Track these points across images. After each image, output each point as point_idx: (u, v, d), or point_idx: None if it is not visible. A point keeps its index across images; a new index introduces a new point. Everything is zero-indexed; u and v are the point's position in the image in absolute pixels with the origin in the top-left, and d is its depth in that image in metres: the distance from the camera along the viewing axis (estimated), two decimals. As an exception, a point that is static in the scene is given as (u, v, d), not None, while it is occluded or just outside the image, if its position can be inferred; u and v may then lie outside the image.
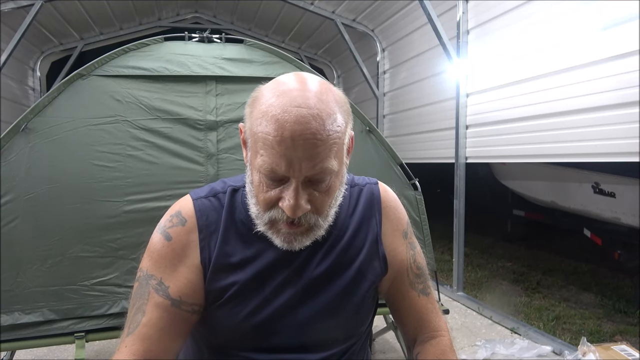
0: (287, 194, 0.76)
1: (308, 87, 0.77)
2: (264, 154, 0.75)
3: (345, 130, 0.80)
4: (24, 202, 2.07)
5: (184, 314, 0.84)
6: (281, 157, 0.73)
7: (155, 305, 0.83)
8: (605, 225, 4.56)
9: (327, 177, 0.78)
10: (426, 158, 5.19)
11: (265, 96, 0.77)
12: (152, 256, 0.87)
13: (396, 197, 1.02)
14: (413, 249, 1.00)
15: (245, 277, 0.87)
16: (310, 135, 0.73)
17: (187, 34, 2.50)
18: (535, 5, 3.40)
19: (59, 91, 2.18)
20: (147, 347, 0.80)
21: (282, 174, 0.75)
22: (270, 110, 0.74)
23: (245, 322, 0.86)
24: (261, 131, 0.74)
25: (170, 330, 0.83)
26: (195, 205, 0.90)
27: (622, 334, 3.49)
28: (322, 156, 0.74)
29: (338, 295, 0.89)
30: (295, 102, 0.73)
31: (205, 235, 0.88)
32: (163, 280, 0.85)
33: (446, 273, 4.99)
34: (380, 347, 3.09)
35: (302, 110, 0.73)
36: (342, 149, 0.80)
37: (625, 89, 2.67)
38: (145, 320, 0.82)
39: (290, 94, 0.75)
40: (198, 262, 0.86)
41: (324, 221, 0.83)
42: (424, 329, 0.98)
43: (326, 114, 0.74)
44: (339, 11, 5.90)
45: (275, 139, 0.73)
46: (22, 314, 2.02)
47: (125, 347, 0.81)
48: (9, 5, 4.73)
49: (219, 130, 2.35)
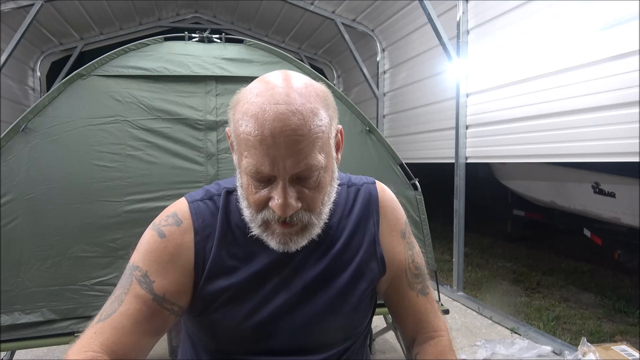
0: (276, 193, 0.75)
1: (287, 83, 0.76)
2: (247, 155, 0.75)
3: (330, 125, 0.79)
4: (24, 202, 2.07)
5: (164, 311, 0.83)
6: (264, 157, 0.73)
7: (135, 296, 0.82)
8: (605, 225, 4.56)
9: (314, 173, 0.77)
10: (426, 158, 5.19)
11: (245, 97, 0.77)
12: (140, 250, 0.87)
13: (394, 197, 1.01)
14: (411, 248, 0.99)
15: (241, 279, 0.86)
16: (291, 131, 0.72)
17: (187, 34, 2.50)
18: (535, 5, 3.40)
19: (59, 91, 2.18)
20: (117, 338, 0.78)
21: (268, 173, 0.74)
22: (249, 110, 0.74)
23: (242, 325, 0.85)
24: (242, 132, 0.74)
25: (145, 324, 0.81)
26: (191, 207, 0.89)
27: (622, 334, 3.49)
28: (305, 152, 0.73)
29: (335, 296, 0.89)
30: (273, 99, 0.73)
31: (201, 237, 0.87)
32: (149, 274, 0.83)
33: (446, 273, 4.98)
34: (380, 347, 3.09)
35: (281, 107, 0.72)
36: (327, 144, 0.79)
37: (625, 89, 2.67)
38: (123, 310, 0.81)
39: (269, 92, 0.74)
40: (191, 265, 0.86)
41: (317, 219, 0.82)
42: (423, 329, 0.97)
43: (307, 109, 0.74)
44: (339, 11, 5.89)
45: (256, 139, 0.72)
46: (22, 314, 2.02)
47: (93, 334, 0.79)
48: (9, 5, 4.73)
49: (219, 130, 2.35)
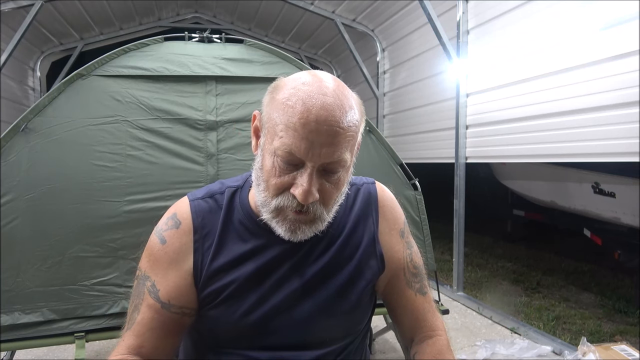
0: (301, 180, 0.78)
1: (334, 80, 0.82)
2: (284, 136, 0.77)
3: (359, 128, 0.83)
4: (24, 202, 2.07)
5: (174, 316, 0.88)
6: (302, 140, 0.75)
7: (147, 306, 0.88)
8: (605, 225, 4.56)
9: (340, 169, 0.80)
10: (426, 158, 5.19)
11: (289, 84, 0.80)
12: (149, 258, 0.91)
13: (393, 197, 1.03)
14: (409, 248, 1.01)
15: (241, 275, 0.88)
16: (334, 122, 0.76)
17: (187, 34, 2.50)
18: (535, 5, 3.40)
19: (59, 91, 2.18)
20: (140, 343, 0.86)
21: (300, 157, 0.77)
22: (296, 94, 0.77)
23: (242, 320, 0.87)
24: (285, 113, 0.77)
25: (160, 330, 0.87)
26: (191, 206, 0.92)
27: (622, 334, 3.49)
28: (340, 145, 0.78)
29: (335, 293, 0.90)
30: (321, 90, 0.77)
31: (200, 236, 0.89)
32: (155, 284, 0.88)
33: (446, 273, 4.99)
34: (380, 347, 3.09)
35: (328, 99, 0.76)
36: (355, 146, 0.83)
37: (625, 89, 2.67)
38: (140, 319, 0.88)
39: (317, 83, 0.79)
40: (190, 266, 0.88)
41: (328, 214, 0.85)
42: (420, 328, 0.98)
43: (348, 106, 0.79)
44: (339, 11, 5.89)
45: (300, 121, 0.75)
46: (22, 314, 2.02)
47: (122, 341, 0.88)
48: (9, 5, 4.73)
49: (219, 130, 2.35)
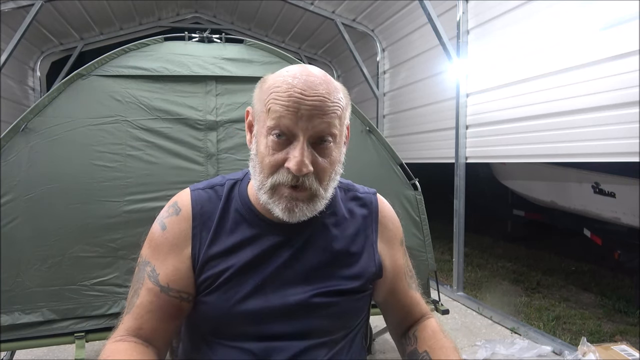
0: (293, 152, 0.82)
1: (314, 68, 0.88)
2: (272, 109, 0.82)
3: (346, 110, 0.89)
4: (24, 202, 2.07)
5: (172, 300, 0.91)
6: (290, 110, 0.81)
7: (147, 290, 0.91)
8: (605, 225, 4.56)
9: (330, 138, 0.84)
10: (426, 158, 5.19)
11: (275, 74, 0.88)
12: (150, 244, 0.95)
13: (392, 208, 1.10)
14: (406, 254, 1.10)
15: (237, 263, 0.90)
16: (319, 93, 0.82)
17: (187, 34, 2.50)
18: (535, 5, 3.40)
19: (59, 91, 2.18)
20: (139, 325, 0.90)
21: (289, 126, 0.81)
22: (281, 78, 0.84)
23: (236, 308, 0.89)
24: (273, 92, 0.83)
25: (158, 313, 0.90)
26: (192, 195, 0.96)
27: (622, 334, 3.50)
28: (328, 116, 0.83)
29: (331, 285, 0.92)
30: (305, 71, 0.85)
31: (198, 223, 0.93)
32: (155, 268, 0.92)
33: (446, 273, 4.99)
34: (380, 347, 3.09)
35: (311, 77, 0.84)
36: (342, 124, 0.88)
37: (625, 89, 2.67)
38: (139, 302, 0.91)
39: (301, 68, 0.86)
40: (189, 251, 0.92)
41: (325, 192, 0.88)
42: (415, 313, 1.07)
43: (332, 87, 0.85)
44: (339, 11, 5.89)
45: (286, 94, 0.81)
46: (22, 314, 2.02)
47: (121, 324, 0.92)
48: (9, 5, 4.73)
49: (219, 130, 2.35)
